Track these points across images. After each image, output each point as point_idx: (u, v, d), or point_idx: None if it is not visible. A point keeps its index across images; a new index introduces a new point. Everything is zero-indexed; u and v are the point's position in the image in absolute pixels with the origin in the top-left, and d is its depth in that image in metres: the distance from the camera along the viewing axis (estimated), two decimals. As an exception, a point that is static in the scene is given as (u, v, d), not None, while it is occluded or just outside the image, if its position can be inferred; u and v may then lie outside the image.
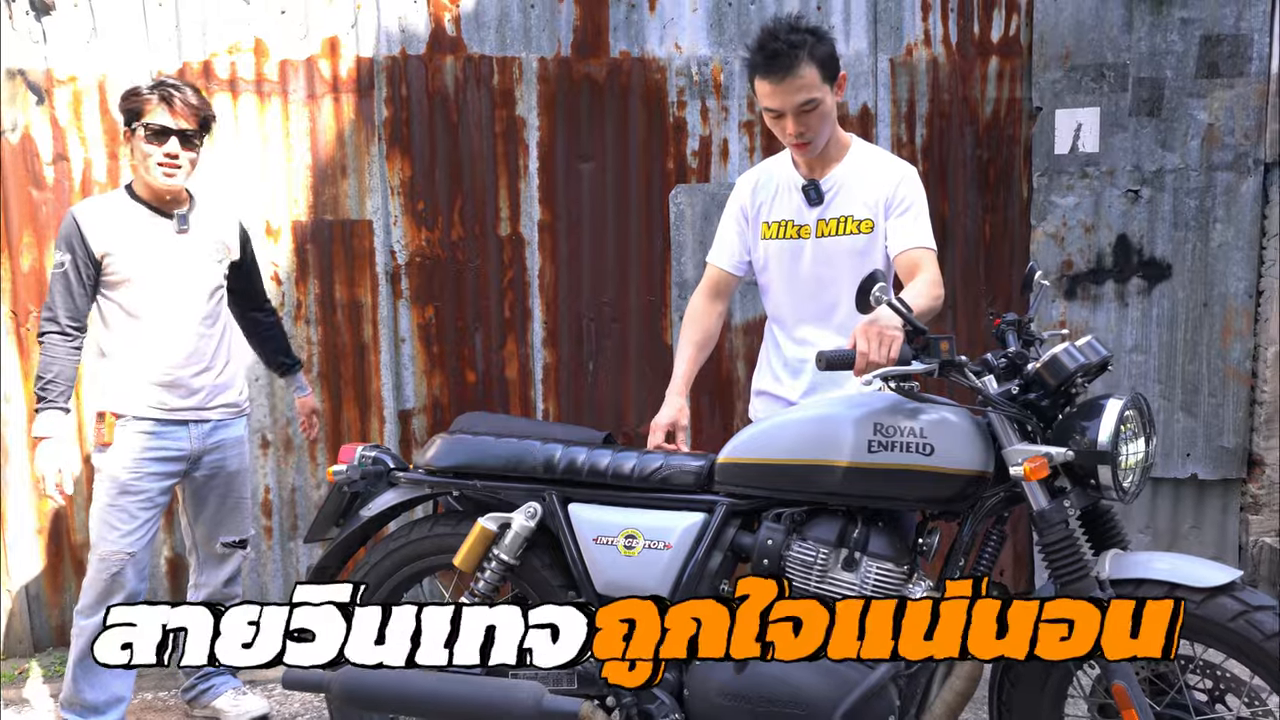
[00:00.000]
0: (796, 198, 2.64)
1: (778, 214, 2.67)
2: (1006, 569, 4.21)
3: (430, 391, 4.00)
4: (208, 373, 3.04)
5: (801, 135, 2.51)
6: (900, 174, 2.61)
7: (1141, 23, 3.94)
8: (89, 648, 2.97)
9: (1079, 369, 2.09)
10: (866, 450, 2.17)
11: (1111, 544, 2.19)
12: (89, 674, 2.99)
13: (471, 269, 3.96)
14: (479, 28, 3.88)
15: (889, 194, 2.59)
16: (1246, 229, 4.01)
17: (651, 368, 4.02)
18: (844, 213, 2.61)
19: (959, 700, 2.12)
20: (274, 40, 3.81)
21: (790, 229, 2.65)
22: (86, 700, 3.00)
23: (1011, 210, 4.09)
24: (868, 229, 2.60)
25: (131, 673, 3.08)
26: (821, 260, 2.63)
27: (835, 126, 2.61)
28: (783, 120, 2.50)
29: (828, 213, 2.62)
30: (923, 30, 3.98)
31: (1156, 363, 4.09)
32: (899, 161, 2.67)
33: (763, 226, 2.70)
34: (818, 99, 2.46)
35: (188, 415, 3.02)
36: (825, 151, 2.61)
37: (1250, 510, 4.16)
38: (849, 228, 2.61)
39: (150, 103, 2.87)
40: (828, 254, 2.62)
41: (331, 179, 3.89)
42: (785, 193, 2.67)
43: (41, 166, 3.75)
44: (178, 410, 2.99)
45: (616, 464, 2.45)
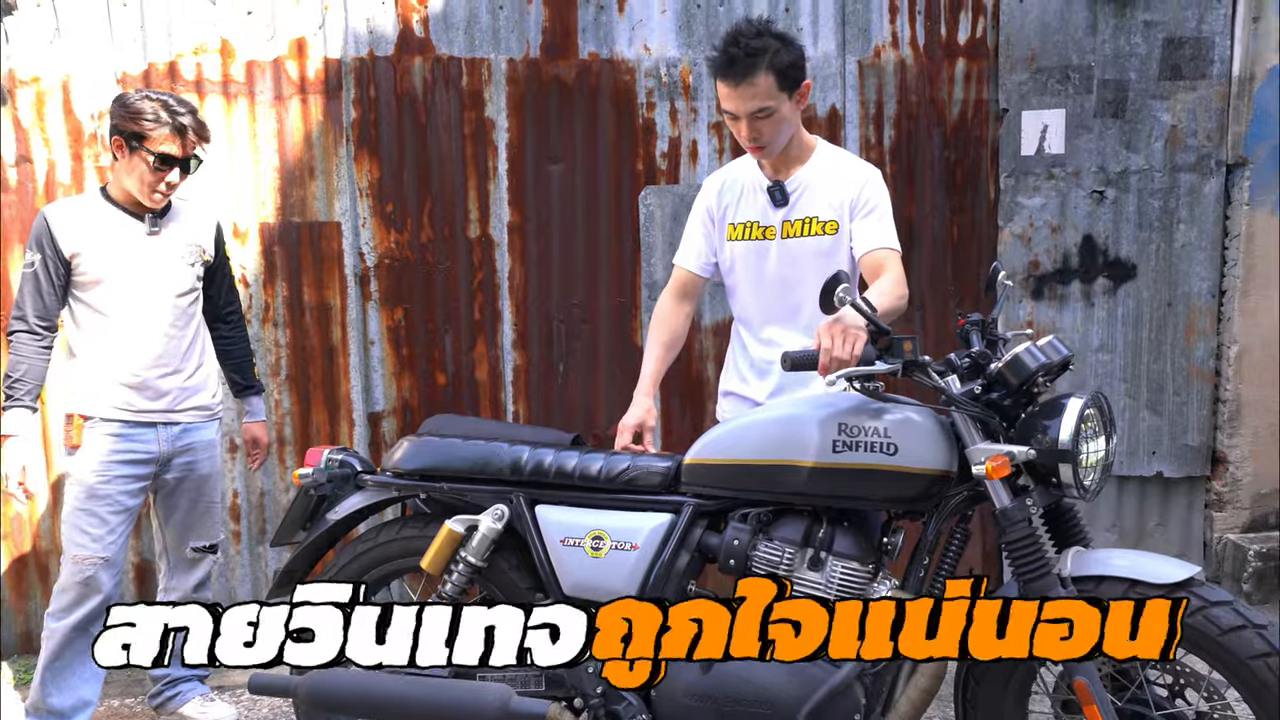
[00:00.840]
0: (762, 199, 2.66)
1: (743, 215, 2.68)
2: (976, 566, 4.24)
3: (400, 394, 3.99)
4: (176, 375, 3.02)
5: (755, 140, 2.53)
6: (865, 176, 2.63)
7: (1106, 25, 3.98)
8: (59, 651, 2.95)
9: (1040, 368, 2.11)
10: (831, 450, 2.18)
11: (1074, 541, 2.22)
12: (57, 678, 2.97)
13: (441, 271, 3.95)
14: (447, 29, 3.87)
15: (854, 196, 2.61)
16: (1209, 229, 4.06)
17: (621, 369, 4.03)
18: (809, 214, 2.62)
19: (924, 697, 2.14)
20: (240, 41, 3.78)
21: (756, 230, 2.66)
22: (53, 706, 2.97)
23: (979, 211, 4.12)
24: (833, 230, 2.62)
25: (99, 677, 3.05)
26: (787, 261, 2.64)
27: (799, 130, 2.62)
28: (738, 123, 2.53)
29: (793, 214, 2.63)
30: (890, 32, 4.00)
31: (1122, 362, 4.13)
32: (863, 164, 2.70)
33: (729, 228, 2.70)
34: (770, 108, 2.47)
35: (156, 417, 2.99)
36: (789, 153, 2.63)
37: (1214, 507, 4.21)
38: (814, 229, 2.62)
39: (160, 131, 2.85)
40: (793, 255, 2.63)
41: (299, 181, 3.87)
42: (751, 194, 2.68)
43: (4, 168, 3.71)
44: (146, 412, 2.97)
45: (583, 465, 2.45)
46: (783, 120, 2.51)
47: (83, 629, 2.94)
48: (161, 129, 2.85)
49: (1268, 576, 4.04)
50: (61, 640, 2.95)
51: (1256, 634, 1.95)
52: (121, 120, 2.87)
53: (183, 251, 3.04)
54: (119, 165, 2.92)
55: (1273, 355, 4.09)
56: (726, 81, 2.47)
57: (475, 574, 2.50)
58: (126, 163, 2.90)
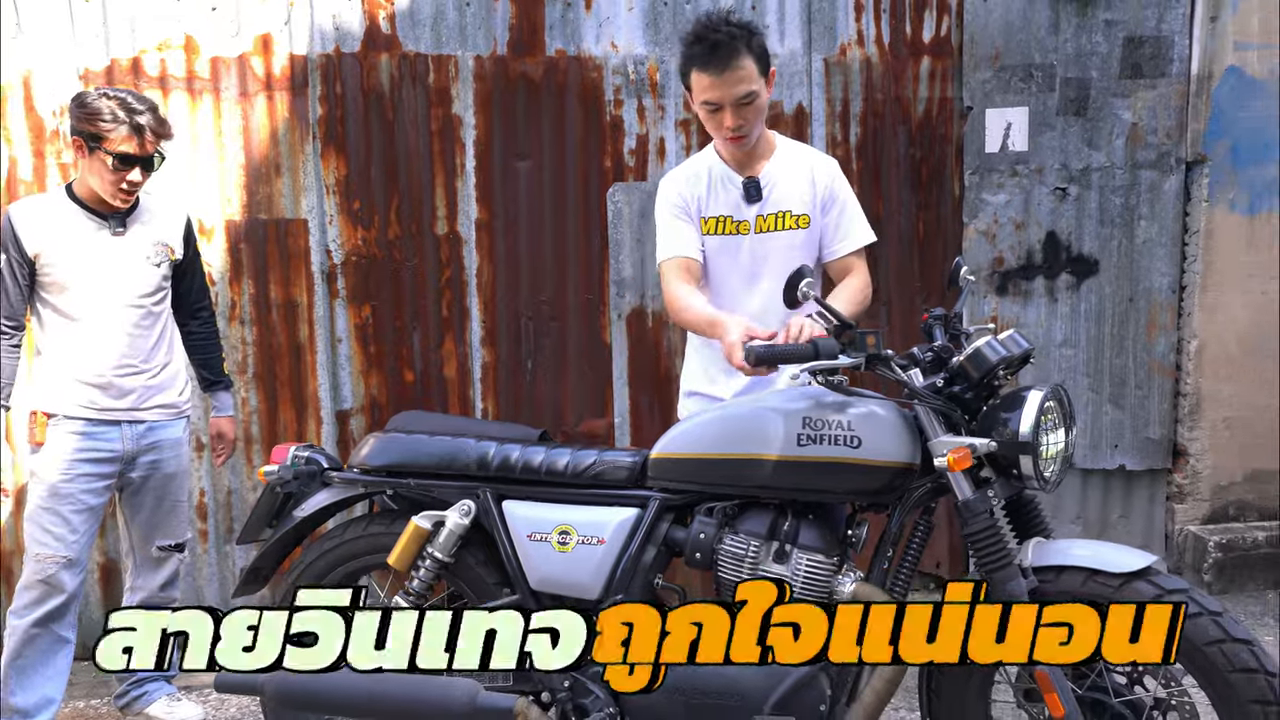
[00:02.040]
0: (734, 193, 2.66)
1: (715, 210, 2.67)
2: (943, 560, 4.28)
3: (368, 391, 3.97)
4: (141, 374, 3.00)
5: (739, 129, 2.53)
6: (830, 169, 2.69)
7: (1068, 24, 4.03)
8: (20, 649, 2.93)
9: (1001, 361, 2.13)
10: (796, 444, 2.20)
11: (1035, 532, 2.25)
12: (20, 676, 2.95)
13: (409, 268, 3.93)
14: (414, 25, 3.86)
15: (823, 192, 2.67)
16: (1169, 225, 4.11)
17: (590, 366, 4.03)
18: (782, 208, 2.65)
19: (888, 688, 2.16)
20: (205, 37, 3.75)
21: (729, 225, 2.66)
22: (16, 705, 2.95)
23: (944, 208, 4.16)
24: (804, 224, 2.66)
25: (63, 674, 3.03)
26: (759, 255, 2.66)
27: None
28: (720, 114, 2.52)
29: (766, 208, 2.65)
30: (856, 30, 4.03)
31: (1085, 356, 4.19)
32: (822, 155, 2.75)
33: (701, 222, 2.69)
34: (756, 91, 2.49)
35: (120, 416, 2.98)
36: (756, 147, 2.65)
37: (1176, 499, 4.27)
38: (787, 223, 2.65)
39: (118, 131, 2.82)
40: (766, 249, 2.65)
41: (265, 178, 3.84)
42: (721, 188, 2.67)
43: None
44: (110, 410, 2.96)
45: (550, 461, 2.46)
46: (763, 106, 2.54)
47: (44, 625, 2.93)
48: (119, 129, 2.82)
49: (1227, 567, 4.10)
50: (23, 638, 2.93)
51: (1212, 621, 1.99)
52: (79, 121, 2.85)
53: (149, 251, 3.02)
54: (82, 165, 2.90)
55: (1231, 350, 4.16)
56: (709, 70, 2.46)
57: (442, 570, 2.50)
58: (88, 163, 2.87)
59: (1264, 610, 3.94)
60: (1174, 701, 2.10)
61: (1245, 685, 1.95)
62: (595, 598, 2.39)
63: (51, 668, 2.98)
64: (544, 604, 2.45)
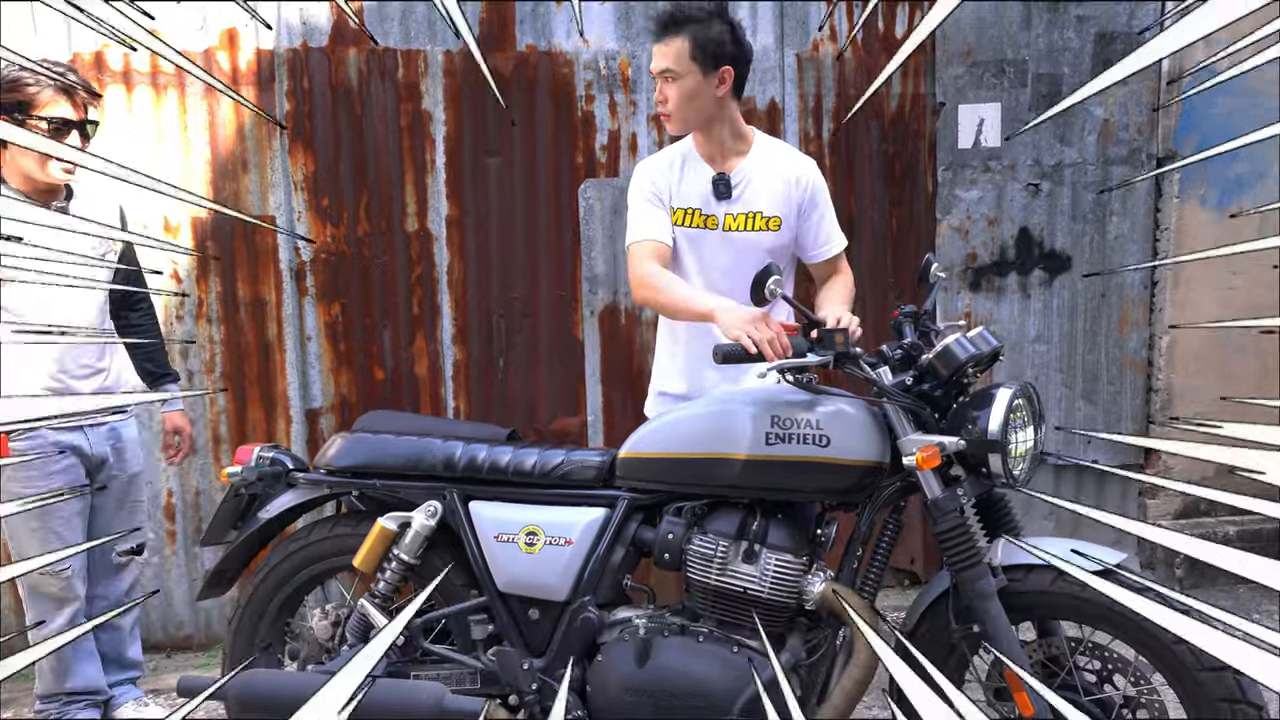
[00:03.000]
0: (704, 185, 2.62)
1: (685, 200, 2.62)
2: (918, 558, 4.28)
3: (338, 390, 3.93)
4: (98, 375, 2.93)
5: (661, 103, 2.56)
6: (808, 172, 2.66)
7: (1039, 20, 4.03)
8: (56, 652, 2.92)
9: (970, 359, 2.12)
10: (764, 443, 2.18)
11: (1006, 530, 2.24)
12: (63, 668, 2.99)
13: (379, 265, 3.89)
14: (382, 20, 3.81)
15: (802, 196, 2.64)
16: (1141, 221, 4.12)
17: (563, 363, 4.01)
18: (752, 208, 2.61)
19: (858, 688, 2.15)
20: (169, 31, 3.70)
21: (698, 217, 2.62)
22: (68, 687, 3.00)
23: (917, 204, 4.15)
24: (775, 226, 2.62)
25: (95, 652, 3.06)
26: (729, 252, 2.62)
27: (735, 120, 2.61)
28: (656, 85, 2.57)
29: (735, 207, 2.61)
30: (828, 26, 4.02)
31: (1058, 352, 4.19)
32: (801, 156, 2.71)
33: (671, 211, 2.63)
34: (675, 71, 2.50)
35: (83, 420, 2.91)
36: (727, 144, 2.62)
37: (1148, 495, 4.28)
38: (758, 224, 2.61)
39: (43, 94, 2.66)
40: (735, 247, 2.62)
41: (232, 174, 3.79)
42: (692, 175, 2.62)
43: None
44: (71, 417, 2.88)
45: (517, 461, 2.43)
46: (690, 92, 2.51)
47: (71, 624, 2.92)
48: (46, 90, 2.66)
49: (1199, 563, 4.10)
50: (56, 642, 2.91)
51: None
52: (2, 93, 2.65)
53: (93, 243, 2.86)
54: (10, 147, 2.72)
55: (1202, 345, 4.17)
56: (654, 39, 2.54)
57: (409, 572, 2.47)
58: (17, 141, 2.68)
59: (1234, 606, 3.95)
60: (1143, 699, 2.10)
61: (1213, 683, 1.95)
62: (563, 599, 2.37)
63: (84, 650, 3.03)
64: (511, 606, 2.43)
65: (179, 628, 3.89)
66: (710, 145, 2.62)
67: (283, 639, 2.68)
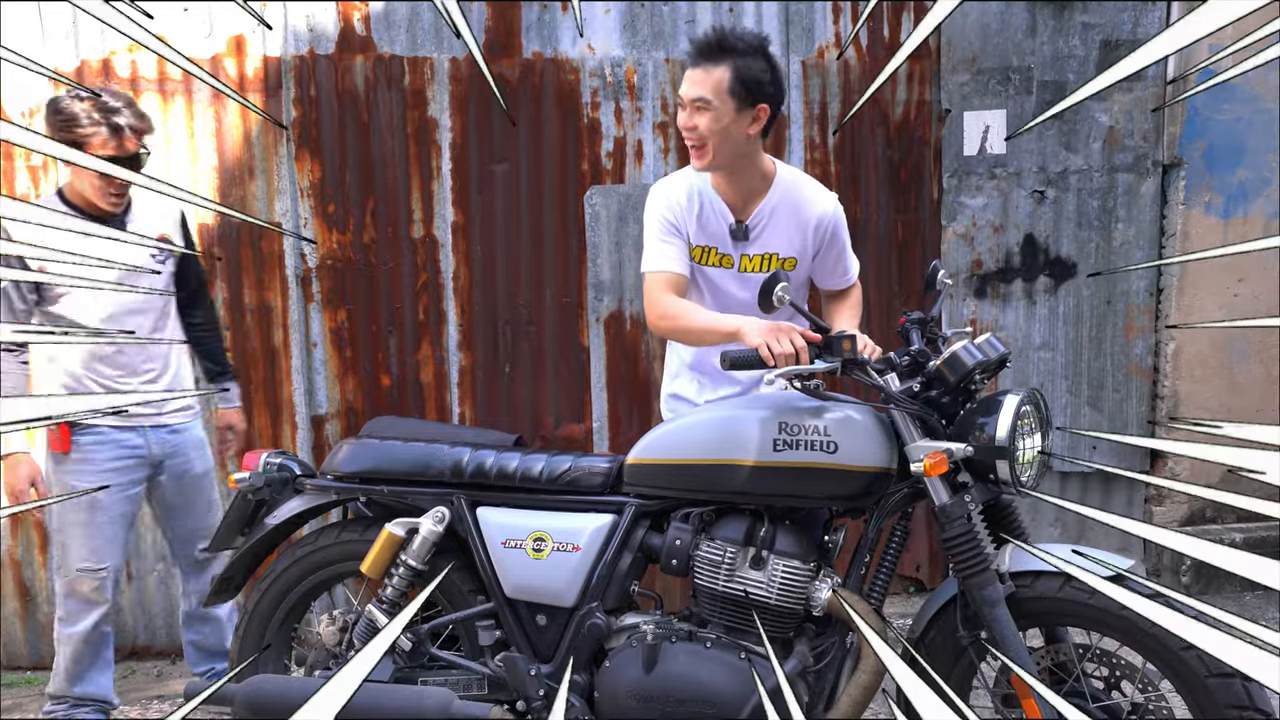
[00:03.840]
0: (723, 228, 2.55)
1: (704, 239, 2.55)
2: (923, 565, 4.28)
3: (344, 396, 3.94)
4: (160, 377, 3.01)
5: (690, 131, 2.42)
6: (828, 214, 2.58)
7: (1045, 28, 4.04)
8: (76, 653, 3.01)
9: (977, 365, 2.12)
10: (772, 449, 2.18)
11: (1013, 537, 2.24)
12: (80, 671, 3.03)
13: (384, 272, 3.90)
14: (389, 27, 3.83)
15: (820, 239, 2.59)
16: (1146, 228, 4.12)
17: (568, 369, 4.01)
18: (769, 250, 2.56)
19: (865, 694, 2.15)
20: (177, 38, 3.71)
21: (714, 256, 2.57)
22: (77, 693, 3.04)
23: (923, 211, 4.15)
24: (791, 266, 2.56)
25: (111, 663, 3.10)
26: (741, 291, 2.57)
27: (758, 157, 2.52)
28: (683, 112, 2.43)
29: (751, 249, 2.56)
30: (834, 33, 4.02)
31: (1064, 359, 4.19)
32: (823, 193, 2.61)
33: (689, 248, 2.56)
34: (709, 101, 2.37)
35: (142, 420, 2.99)
36: (750, 185, 2.53)
37: (1154, 502, 4.28)
38: (773, 265, 2.56)
39: (96, 136, 2.75)
40: (748, 287, 2.54)
41: (239, 180, 3.80)
42: (711, 216, 2.55)
43: (-69, 168, 3.62)
44: (132, 417, 2.96)
45: (525, 467, 2.43)
46: (722, 127, 2.39)
47: (94, 629, 3.00)
48: (98, 132, 2.76)
49: (1205, 569, 4.11)
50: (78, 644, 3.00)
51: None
52: (55, 129, 2.77)
53: (155, 252, 2.99)
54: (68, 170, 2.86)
55: (1207, 351, 4.17)
56: (689, 62, 2.42)
57: (416, 577, 2.47)
58: (73, 168, 2.83)
59: (1240, 613, 3.93)
60: (1151, 706, 2.10)
61: (1222, 690, 1.95)
62: (571, 605, 2.37)
63: (102, 659, 3.07)
64: (519, 612, 2.43)
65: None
66: (734, 189, 2.53)
67: (289, 644, 2.69)
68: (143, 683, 3.64)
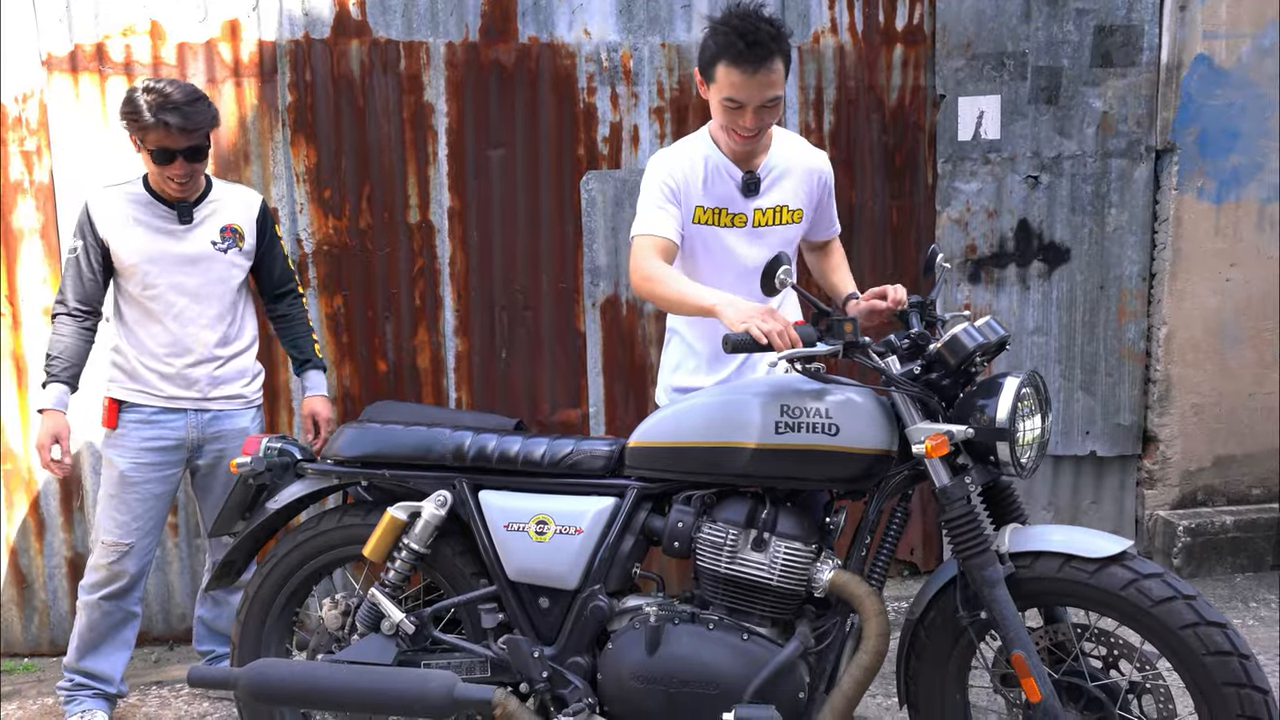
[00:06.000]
0: (732, 186, 2.56)
1: (712, 200, 2.56)
2: (917, 548, 4.30)
3: (340, 382, 3.94)
4: (207, 364, 3.05)
5: (746, 129, 2.43)
6: (822, 166, 2.70)
7: (1039, 13, 4.05)
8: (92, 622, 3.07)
9: (978, 348, 2.14)
10: (774, 431, 2.20)
11: (1011, 519, 2.27)
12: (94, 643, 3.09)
13: (381, 257, 3.90)
14: (385, 11, 3.81)
15: (820, 190, 2.69)
16: (1140, 214, 4.15)
17: (565, 354, 4.02)
18: (780, 202, 2.61)
19: (866, 675, 2.17)
20: (171, 22, 3.69)
21: (725, 216, 2.57)
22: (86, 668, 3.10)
23: (917, 196, 4.16)
24: (799, 219, 2.65)
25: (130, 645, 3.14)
26: (754, 247, 2.60)
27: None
28: (740, 112, 2.40)
29: (764, 202, 2.59)
30: (829, 18, 4.02)
31: (1057, 344, 4.21)
32: (812, 149, 2.72)
33: (696, 210, 2.56)
34: (781, 96, 2.42)
35: (186, 404, 3.04)
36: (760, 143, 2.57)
37: (1146, 485, 4.31)
38: (784, 217, 2.62)
39: (151, 129, 2.84)
40: (762, 241, 2.60)
41: (234, 166, 3.79)
42: (719, 178, 2.56)
43: (-76, 153, 3.59)
44: (176, 399, 3.02)
45: (527, 450, 2.44)
46: (781, 110, 2.49)
47: (112, 601, 3.05)
48: (151, 125, 2.83)
49: (1196, 551, 4.15)
50: (94, 612, 3.06)
51: (1186, 604, 2.01)
52: (124, 117, 2.88)
53: (217, 240, 3.05)
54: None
55: (1200, 336, 4.20)
56: (741, 67, 2.33)
57: (418, 561, 2.49)
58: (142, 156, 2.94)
59: (1232, 594, 3.99)
60: (1149, 685, 2.12)
61: (1219, 668, 1.98)
62: (573, 587, 2.38)
63: (120, 639, 3.11)
64: (521, 595, 2.44)
65: (181, 620, 3.88)
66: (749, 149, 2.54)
67: (291, 629, 2.70)
68: (140, 669, 3.64)
